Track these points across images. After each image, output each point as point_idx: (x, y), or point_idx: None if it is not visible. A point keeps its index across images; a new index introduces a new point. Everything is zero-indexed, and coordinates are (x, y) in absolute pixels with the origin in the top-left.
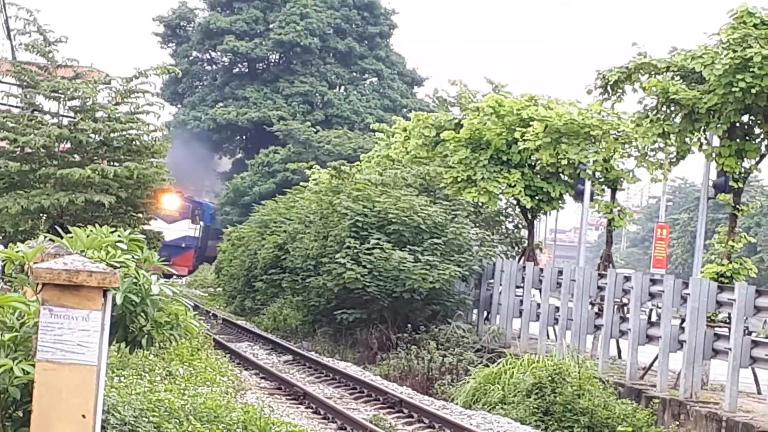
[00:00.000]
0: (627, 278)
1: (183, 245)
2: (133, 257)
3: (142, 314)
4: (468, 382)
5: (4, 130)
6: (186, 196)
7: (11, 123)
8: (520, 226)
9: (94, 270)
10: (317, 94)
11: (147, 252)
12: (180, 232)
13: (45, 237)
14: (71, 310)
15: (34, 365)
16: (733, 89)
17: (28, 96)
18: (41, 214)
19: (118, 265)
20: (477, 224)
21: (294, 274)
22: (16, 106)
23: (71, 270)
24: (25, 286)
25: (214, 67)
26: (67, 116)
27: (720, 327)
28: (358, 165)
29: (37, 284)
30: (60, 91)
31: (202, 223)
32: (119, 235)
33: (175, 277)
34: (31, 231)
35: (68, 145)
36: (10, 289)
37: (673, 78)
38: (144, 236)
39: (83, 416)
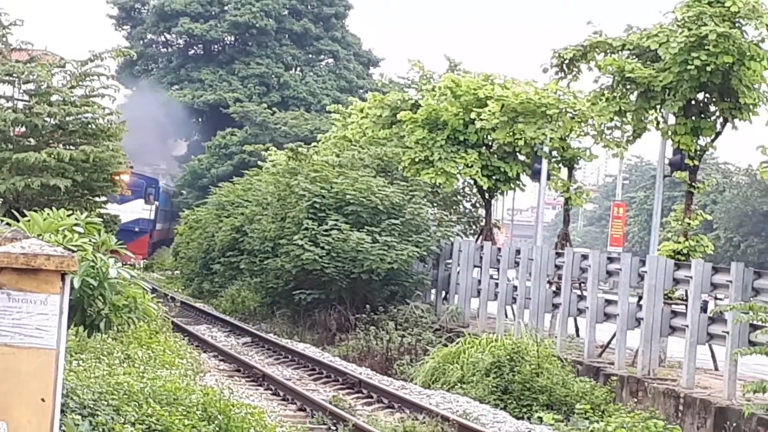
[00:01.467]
0: (584, 257)
1: (136, 229)
2: (90, 241)
3: (100, 298)
4: (427, 362)
5: None
6: (137, 173)
7: None
8: (477, 205)
9: (52, 254)
10: (273, 76)
11: (104, 235)
12: (132, 213)
13: (2, 221)
14: (29, 294)
15: None
16: (689, 67)
17: None
18: None
19: (75, 248)
20: (434, 204)
21: (252, 256)
22: None
23: (29, 254)
24: None
25: (169, 49)
26: (21, 100)
27: (677, 304)
28: (315, 146)
29: None
30: (14, 75)
31: (156, 203)
32: (76, 219)
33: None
34: None
35: (23, 129)
36: None
37: (628, 57)
38: (101, 219)
39: (42, 400)
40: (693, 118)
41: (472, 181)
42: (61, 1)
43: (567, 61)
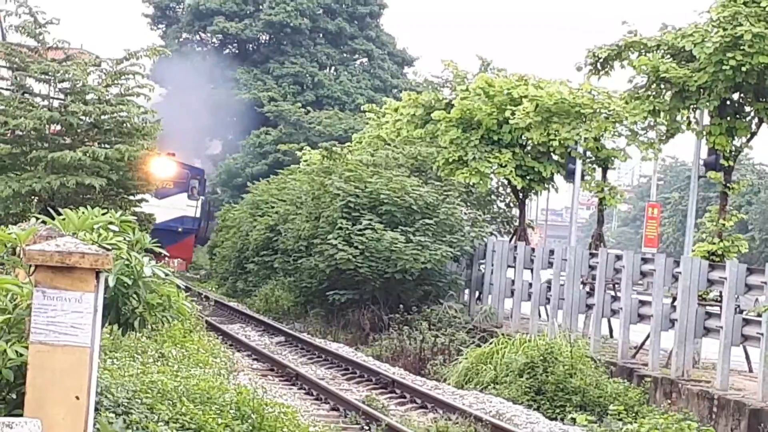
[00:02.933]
0: (618, 257)
1: (179, 229)
2: (124, 239)
3: (135, 296)
4: (460, 362)
5: None
6: (180, 162)
7: (1, 105)
8: (511, 205)
9: (87, 251)
10: (307, 75)
11: (139, 234)
12: (175, 210)
13: (37, 219)
14: (64, 292)
15: (27, 347)
16: (724, 67)
17: (18, 78)
18: (32, 197)
19: (110, 247)
20: (468, 204)
21: (286, 255)
22: (6, 89)
23: (64, 252)
24: (17, 269)
25: (204, 48)
26: (57, 98)
27: (711, 305)
28: (349, 146)
29: (30, 266)
30: (50, 74)
31: (202, 198)
32: (111, 217)
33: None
34: (23, 214)
35: (59, 128)
36: (3, 272)
37: (663, 56)
38: (135, 218)
39: (77, 398)
40: (728, 118)
41: (506, 181)
42: (98, 1)
43: (601, 60)
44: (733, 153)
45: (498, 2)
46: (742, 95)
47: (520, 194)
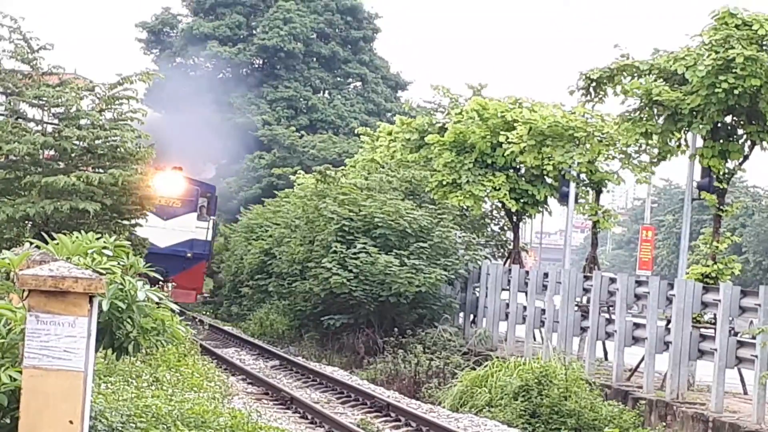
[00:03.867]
0: (612, 280)
1: (188, 254)
2: (118, 263)
3: (129, 320)
4: (455, 386)
5: None
6: (189, 178)
7: None
8: (505, 228)
9: (80, 276)
10: (301, 99)
11: (132, 258)
12: (183, 233)
13: (30, 244)
14: (57, 317)
15: (21, 372)
16: (716, 90)
17: (12, 103)
18: (26, 222)
19: (103, 271)
20: (462, 227)
21: (280, 279)
22: (0, 114)
23: (57, 276)
24: (10, 293)
25: (197, 72)
26: (51, 123)
27: (706, 328)
28: (343, 169)
29: (23, 291)
30: (44, 99)
31: (213, 218)
32: (104, 242)
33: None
34: (16, 239)
35: (53, 153)
36: None
37: (655, 80)
38: (129, 243)
39: (71, 422)
40: (721, 141)
41: (500, 204)
42: (91, 25)
43: (594, 83)
44: (726, 175)
45: (491, 26)
46: (734, 118)
47: (514, 217)
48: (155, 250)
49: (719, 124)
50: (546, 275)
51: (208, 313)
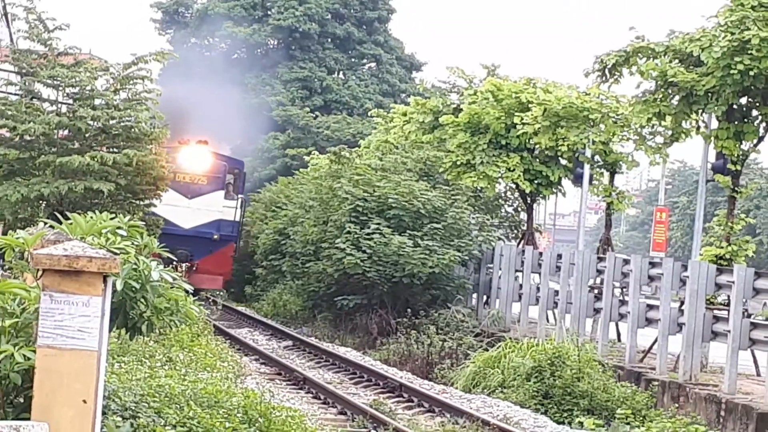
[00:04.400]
0: (626, 261)
1: (214, 236)
2: (132, 243)
3: (142, 300)
4: (468, 366)
5: (3, 117)
6: (216, 153)
7: (10, 111)
8: (519, 209)
9: (94, 255)
10: (316, 80)
11: (147, 238)
12: (209, 213)
13: (45, 224)
14: (72, 296)
15: (35, 351)
16: (731, 71)
17: (26, 83)
18: (41, 202)
19: (117, 251)
20: (476, 208)
21: (294, 259)
22: (15, 94)
23: (71, 256)
24: (25, 273)
25: (212, 53)
26: (65, 103)
27: (719, 309)
28: (357, 150)
29: (38, 270)
30: (59, 79)
31: (241, 196)
32: (119, 222)
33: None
34: (31, 218)
35: (67, 133)
36: (11, 276)
37: (671, 61)
38: (143, 223)
39: (84, 401)
40: (736, 122)
41: (513, 186)
42: (106, 5)
43: (609, 66)
44: (740, 157)
45: (506, 5)
46: (749, 99)
47: (528, 198)
48: (179, 231)
49: (734, 106)
50: (560, 256)
51: (221, 293)
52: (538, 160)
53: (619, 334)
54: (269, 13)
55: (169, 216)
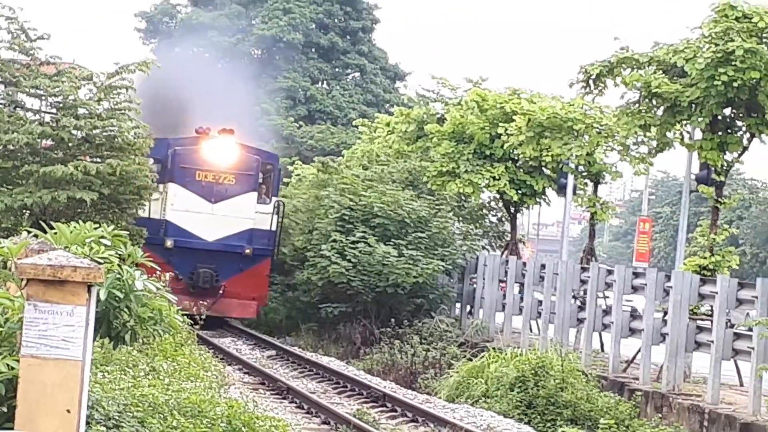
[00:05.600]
0: (610, 271)
1: (245, 250)
2: (116, 253)
3: (126, 310)
4: (451, 376)
5: None
6: (246, 146)
7: None
8: (503, 219)
9: (79, 265)
10: (300, 90)
11: (130, 248)
12: (239, 221)
13: (29, 233)
14: (56, 306)
15: (18, 360)
16: (715, 83)
17: (10, 93)
18: (24, 212)
19: (101, 260)
20: (460, 218)
21: (281, 268)
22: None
23: (56, 265)
24: (8, 282)
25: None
26: (48, 113)
27: (702, 319)
28: (344, 160)
29: (22, 280)
30: (41, 88)
31: (275, 198)
32: (103, 231)
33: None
34: (14, 228)
35: (51, 143)
36: None
37: (655, 72)
38: (127, 232)
39: (68, 411)
40: (719, 133)
41: (497, 195)
42: (89, 14)
43: (593, 77)
44: (724, 168)
45: (490, 17)
46: (733, 110)
47: (512, 208)
48: (200, 244)
49: (718, 117)
50: (543, 266)
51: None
52: (522, 170)
53: (602, 344)
54: (253, 23)
55: (187, 225)
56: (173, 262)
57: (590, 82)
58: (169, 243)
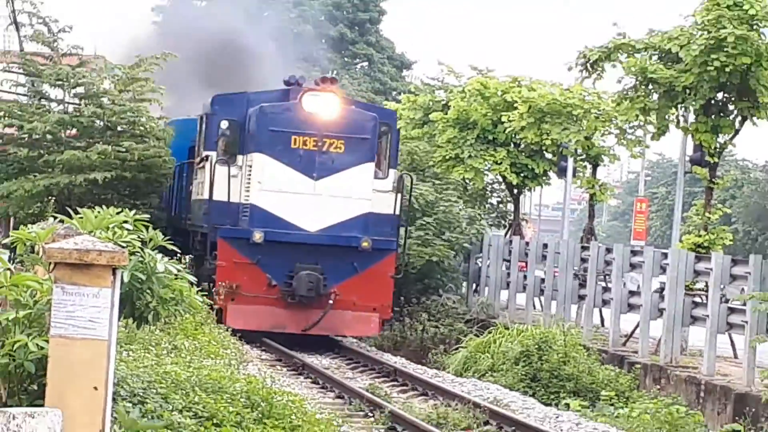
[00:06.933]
0: (609, 250)
1: (362, 242)
2: (138, 237)
3: (148, 291)
4: (459, 352)
5: (11, 117)
6: (354, 100)
7: (18, 111)
8: (505, 201)
9: (104, 249)
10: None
11: (152, 232)
12: (352, 203)
13: (55, 218)
14: (82, 288)
15: (47, 341)
16: (708, 68)
17: (34, 85)
18: (49, 198)
19: (124, 244)
20: (464, 200)
21: None
22: (24, 95)
23: (82, 249)
24: (36, 266)
25: None
26: (71, 103)
27: (698, 295)
28: None
29: (50, 263)
30: (64, 79)
31: (394, 170)
32: (125, 216)
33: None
34: (41, 214)
35: (74, 131)
36: (23, 269)
37: (650, 58)
38: (148, 216)
39: (95, 388)
40: (713, 116)
41: (500, 178)
42: (108, 9)
43: (591, 62)
44: (717, 150)
45: (492, 5)
46: (726, 95)
47: (515, 190)
48: (299, 237)
49: (711, 101)
50: (545, 246)
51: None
52: (523, 153)
53: (602, 320)
54: (265, 15)
55: (281, 211)
56: (263, 263)
57: (588, 66)
58: (257, 236)
